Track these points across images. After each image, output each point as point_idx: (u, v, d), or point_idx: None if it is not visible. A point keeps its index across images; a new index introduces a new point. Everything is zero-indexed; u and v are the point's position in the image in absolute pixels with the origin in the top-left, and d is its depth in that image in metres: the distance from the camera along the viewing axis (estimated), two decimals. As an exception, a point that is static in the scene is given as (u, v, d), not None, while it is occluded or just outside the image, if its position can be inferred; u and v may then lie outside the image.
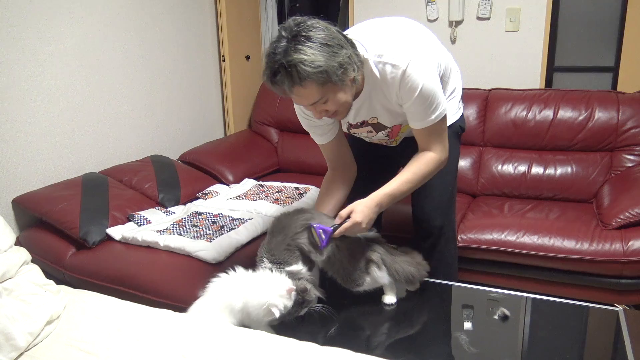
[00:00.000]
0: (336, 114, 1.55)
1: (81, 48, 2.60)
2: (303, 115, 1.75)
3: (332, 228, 1.53)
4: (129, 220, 2.40)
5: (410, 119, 1.62)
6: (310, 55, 1.35)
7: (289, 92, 1.42)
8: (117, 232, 2.29)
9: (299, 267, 1.57)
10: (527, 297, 1.72)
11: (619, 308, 1.65)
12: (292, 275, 1.53)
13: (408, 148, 1.76)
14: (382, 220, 2.06)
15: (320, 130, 1.77)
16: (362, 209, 1.53)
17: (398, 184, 1.60)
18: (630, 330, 1.51)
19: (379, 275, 1.60)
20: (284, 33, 1.39)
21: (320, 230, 1.53)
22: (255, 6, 3.71)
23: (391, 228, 2.11)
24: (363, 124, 1.74)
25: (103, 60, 2.72)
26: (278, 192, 2.74)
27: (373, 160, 1.95)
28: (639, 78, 2.92)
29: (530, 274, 2.36)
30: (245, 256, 2.17)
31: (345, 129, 1.83)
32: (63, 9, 2.48)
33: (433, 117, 1.58)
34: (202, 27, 3.39)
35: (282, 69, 1.36)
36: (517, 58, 3.11)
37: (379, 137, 1.81)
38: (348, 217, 1.54)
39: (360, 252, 1.60)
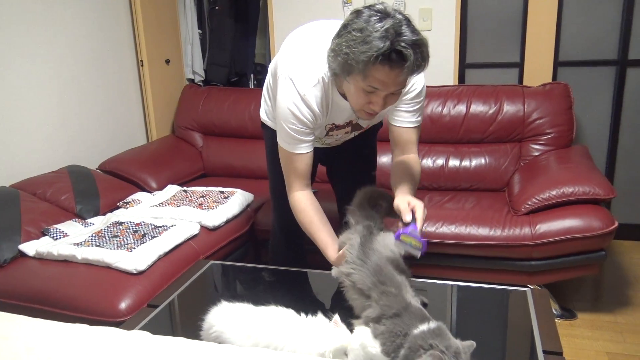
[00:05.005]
0: (386, 106, 1.49)
1: (-18, 56, 2.46)
2: (306, 120, 1.58)
3: (414, 224, 1.39)
4: (44, 235, 2.30)
5: (405, 118, 1.65)
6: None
7: (396, 73, 1.33)
8: (30, 247, 2.19)
9: None
10: (451, 284, 1.79)
11: (528, 288, 1.76)
12: None
13: (345, 145, 1.88)
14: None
15: (310, 137, 1.64)
16: (413, 195, 1.52)
17: (413, 184, 1.62)
18: (537, 307, 1.61)
19: None
20: (398, 15, 1.33)
21: (411, 230, 1.37)
22: (173, 9, 3.64)
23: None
24: (348, 124, 1.74)
25: (9, 67, 2.58)
26: (202, 196, 2.71)
27: (318, 162, 2.00)
28: (541, 72, 3.12)
29: (450, 262, 2.47)
30: (168, 264, 2.13)
31: (319, 133, 1.75)
32: (-41, 15, 2.34)
33: (421, 117, 1.68)
34: (117, 31, 3.29)
35: (410, 48, 1.30)
36: (432, 56, 3.20)
37: (347, 137, 1.83)
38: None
39: None
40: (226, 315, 1.40)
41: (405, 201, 1.46)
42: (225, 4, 3.73)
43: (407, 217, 1.42)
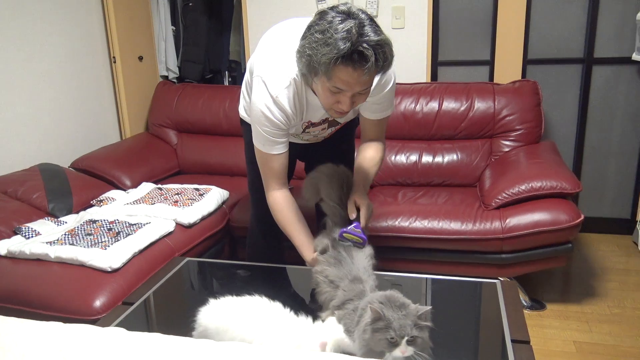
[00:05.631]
0: (354, 105, 1.50)
1: (-51, 52, 2.41)
2: (279, 122, 1.59)
3: (357, 222, 1.53)
4: (16, 234, 2.27)
5: (374, 111, 1.69)
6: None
7: (359, 73, 1.34)
8: (2, 246, 2.16)
9: None
10: (425, 278, 1.83)
11: (498, 280, 1.81)
12: None
13: (324, 141, 1.90)
14: None
15: (285, 139, 1.65)
16: (362, 194, 1.60)
17: (368, 167, 1.71)
18: (506, 298, 1.66)
19: None
20: (362, 15, 1.34)
21: (352, 228, 1.50)
22: (145, 4, 3.61)
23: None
24: (324, 121, 1.75)
25: (-24, 65, 2.53)
26: (177, 194, 2.70)
27: (297, 157, 2.03)
28: (511, 70, 3.19)
29: (424, 256, 2.51)
30: (143, 261, 2.13)
31: (296, 129, 1.77)
32: None
33: (391, 110, 1.72)
34: (89, 27, 3.24)
35: (371, 49, 1.31)
36: (405, 54, 3.28)
37: (324, 134, 1.85)
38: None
39: None
40: (217, 314, 1.40)
41: (352, 200, 1.59)
42: (199, 0, 3.71)
43: (352, 215, 1.56)
